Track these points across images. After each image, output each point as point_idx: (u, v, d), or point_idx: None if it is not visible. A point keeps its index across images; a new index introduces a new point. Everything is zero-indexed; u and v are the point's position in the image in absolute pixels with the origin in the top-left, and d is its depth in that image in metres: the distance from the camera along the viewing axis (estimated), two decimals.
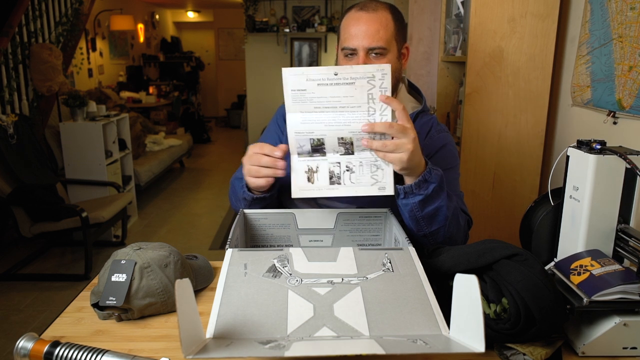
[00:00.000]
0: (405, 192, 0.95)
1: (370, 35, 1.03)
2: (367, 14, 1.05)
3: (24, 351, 0.70)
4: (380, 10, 1.06)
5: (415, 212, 0.97)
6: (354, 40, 1.05)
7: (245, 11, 5.55)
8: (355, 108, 0.88)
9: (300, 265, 0.78)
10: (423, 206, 0.96)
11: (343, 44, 1.08)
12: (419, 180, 0.93)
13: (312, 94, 0.88)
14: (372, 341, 0.61)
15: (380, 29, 1.04)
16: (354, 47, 1.05)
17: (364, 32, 1.04)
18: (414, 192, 0.94)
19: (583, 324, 0.79)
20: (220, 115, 9.70)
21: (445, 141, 1.16)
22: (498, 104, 1.94)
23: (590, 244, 0.87)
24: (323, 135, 0.91)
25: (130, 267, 0.86)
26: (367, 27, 1.04)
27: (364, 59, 1.04)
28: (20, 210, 2.91)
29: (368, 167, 0.93)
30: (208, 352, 0.57)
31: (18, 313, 2.59)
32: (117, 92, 5.97)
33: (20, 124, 3.16)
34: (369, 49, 1.04)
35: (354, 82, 0.87)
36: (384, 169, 0.93)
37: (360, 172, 0.93)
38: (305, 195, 0.95)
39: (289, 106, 0.90)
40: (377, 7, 1.06)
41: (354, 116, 0.89)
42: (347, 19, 1.08)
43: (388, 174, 0.93)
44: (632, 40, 1.46)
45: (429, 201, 0.96)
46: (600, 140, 0.86)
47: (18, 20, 3.50)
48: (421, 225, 0.99)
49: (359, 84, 0.87)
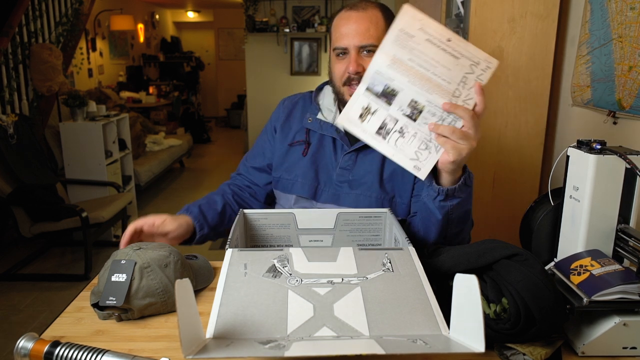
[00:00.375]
0: (447, 194, 0.94)
1: (360, 33, 1.03)
2: (356, 13, 1.05)
3: (24, 351, 0.70)
4: (370, 9, 1.06)
5: (450, 214, 0.97)
6: (344, 40, 1.05)
7: (245, 11, 5.55)
8: (445, 82, 0.86)
9: (300, 265, 0.78)
10: (459, 208, 0.97)
11: (334, 44, 1.08)
12: (461, 184, 0.93)
13: (416, 45, 0.85)
14: (372, 341, 0.61)
15: (370, 27, 1.03)
16: (344, 46, 1.05)
17: (354, 30, 1.04)
18: (455, 195, 0.95)
19: (583, 324, 0.79)
20: (220, 115, 9.70)
21: None
22: (498, 104, 1.94)
23: (590, 244, 0.87)
24: (400, 88, 0.88)
25: (130, 267, 0.86)
26: (357, 26, 1.04)
27: (356, 58, 1.03)
28: (20, 210, 2.91)
29: (419, 141, 0.89)
30: (208, 352, 0.57)
31: (18, 313, 2.59)
32: (117, 92, 5.97)
33: (20, 124, 3.16)
34: (360, 47, 1.04)
35: (460, 58, 0.84)
36: (430, 153, 0.89)
37: (409, 141, 0.89)
38: (349, 128, 0.91)
39: (386, 45, 0.86)
40: (367, 6, 1.06)
41: (439, 89, 0.86)
42: (337, 20, 1.09)
43: (432, 159, 0.90)
44: (632, 40, 1.46)
45: (465, 204, 0.97)
46: (600, 140, 0.86)
47: (18, 20, 3.50)
48: (449, 226, 1.00)
49: (462, 62, 0.84)
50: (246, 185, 1.29)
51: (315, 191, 1.16)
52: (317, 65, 5.74)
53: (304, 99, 1.27)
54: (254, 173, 1.28)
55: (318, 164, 1.17)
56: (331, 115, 1.18)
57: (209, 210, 1.16)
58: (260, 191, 1.28)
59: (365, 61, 1.04)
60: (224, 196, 1.23)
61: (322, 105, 1.21)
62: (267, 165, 1.26)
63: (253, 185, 1.28)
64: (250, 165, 1.28)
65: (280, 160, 1.21)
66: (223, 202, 1.20)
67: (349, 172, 1.14)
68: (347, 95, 1.08)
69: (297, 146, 1.20)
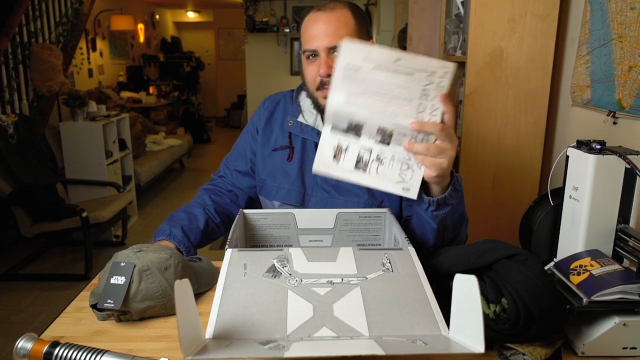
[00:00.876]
0: (438, 204, 0.92)
1: (329, 34, 1.00)
2: (324, 14, 1.02)
3: (23, 351, 0.70)
4: (339, 9, 1.02)
5: (444, 221, 0.96)
6: (313, 42, 1.01)
7: (245, 11, 5.55)
8: (406, 101, 0.83)
9: (300, 265, 0.78)
10: (452, 214, 0.95)
11: (304, 46, 1.04)
12: (451, 189, 0.91)
13: (365, 75, 0.82)
14: (372, 341, 0.61)
15: (340, 27, 1.00)
16: (313, 48, 1.01)
17: (323, 32, 1.00)
18: (447, 203, 0.93)
19: (583, 324, 0.79)
20: (220, 115, 9.70)
21: None
22: (498, 104, 1.94)
23: (590, 244, 0.87)
24: (364, 120, 0.85)
25: (130, 269, 0.85)
26: (325, 27, 1.00)
27: (326, 60, 1.00)
28: (21, 210, 2.91)
29: (399, 163, 0.88)
30: (208, 353, 0.57)
31: (18, 313, 2.59)
32: (117, 92, 5.97)
33: (20, 124, 3.16)
34: (330, 48, 1.00)
35: (413, 73, 0.81)
36: (414, 171, 0.88)
37: (389, 166, 0.88)
38: (326, 172, 0.90)
39: (336, 83, 0.83)
40: (335, 6, 1.03)
41: (403, 110, 0.83)
42: (305, 22, 1.05)
43: (417, 177, 0.88)
44: (632, 40, 1.46)
45: (457, 208, 0.96)
46: (600, 140, 0.86)
47: (18, 20, 3.50)
48: (445, 233, 0.98)
49: (417, 77, 0.81)
50: (228, 189, 1.25)
51: (302, 198, 1.13)
52: None
53: (285, 100, 1.23)
54: (237, 176, 1.24)
55: (304, 170, 1.13)
56: (312, 118, 1.14)
57: (191, 231, 1.10)
58: (243, 195, 1.24)
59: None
60: (206, 210, 1.16)
61: (303, 107, 1.17)
62: (250, 169, 1.22)
63: (235, 189, 1.24)
64: (234, 168, 1.24)
65: (263, 163, 1.18)
66: (205, 218, 1.14)
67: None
68: (320, 99, 1.05)
69: (281, 151, 1.16)
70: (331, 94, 0.85)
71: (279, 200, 1.15)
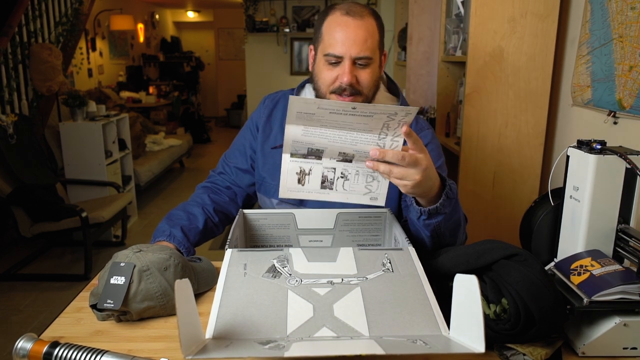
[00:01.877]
0: (430, 213, 0.89)
1: (358, 43, 0.98)
2: (354, 21, 0.99)
3: (23, 352, 0.70)
4: (367, 17, 1.01)
5: (437, 230, 0.93)
6: (340, 47, 0.99)
7: (245, 11, 5.55)
8: (366, 132, 0.81)
9: (300, 265, 0.78)
10: (446, 222, 0.92)
11: (328, 49, 1.01)
12: (443, 199, 0.88)
13: (321, 117, 0.80)
14: (372, 341, 0.61)
15: (368, 38, 0.99)
16: (340, 54, 0.99)
17: (352, 39, 0.98)
18: (439, 212, 0.90)
19: (583, 324, 0.79)
20: (220, 115, 9.70)
21: (427, 139, 1.12)
22: (498, 104, 1.94)
23: (590, 244, 0.86)
24: (324, 147, 0.85)
25: (129, 270, 0.85)
26: (355, 35, 0.98)
27: (351, 69, 0.99)
28: (20, 210, 2.91)
29: (364, 176, 0.88)
30: (208, 353, 0.57)
31: (18, 313, 2.59)
32: (117, 92, 5.97)
33: (20, 124, 3.16)
34: (356, 58, 0.99)
35: (373, 115, 0.77)
36: (379, 181, 0.89)
37: (354, 180, 0.89)
38: (293, 196, 0.91)
39: (291, 120, 0.81)
40: (363, 14, 1.01)
41: (363, 137, 0.81)
42: (331, 22, 1.01)
43: (383, 186, 0.89)
44: (632, 40, 1.46)
45: (451, 217, 0.93)
46: (601, 140, 0.86)
47: (18, 20, 3.50)
48: (440, 240, 0.96)
49: (377, 117, 0.78)
50: (226, 186, 1.24)
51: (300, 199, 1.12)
52: None
53: (285, 98, 1.21)
54: (237, 173, 1.23)
55: None
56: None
57: (191, 231, 1.10)
58: (241, 193, 1.24)
59: (359, 73, 1.01)
60: (205, 209, 1.16)
61: None
62: (251, 166, 1.22)
63: (234, 187, 1.24)
64: (234, 165, 1.24)
65: (263, 161, 1.18)
66: (204, 218, 1.14)
67: None
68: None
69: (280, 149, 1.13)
70: (288, 126, 0.83)
71: (278, 199, 1.15)
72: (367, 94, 1.05)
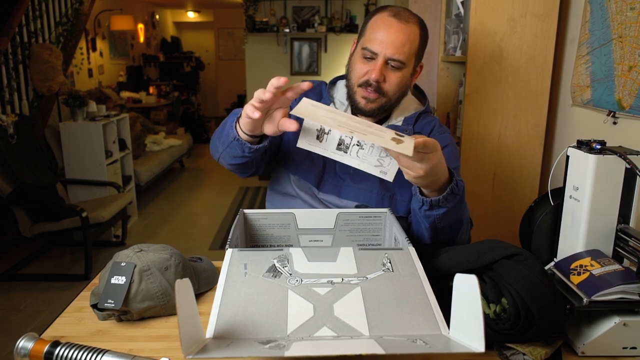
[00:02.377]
0: (431, 204, 0.91)
1: (396, 46, 1.02)
2: (398, 23, 1.03)
3: (24, 351, 0.70)
4: (412, 24, 1.05)
5: (437, 223, 0.95)
6: (378, 45, 1.04)
7: (245, 11, 5.55)
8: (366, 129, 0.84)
9: (300, 265, 0.78)
10: (446, 217, 0.94)
11: (366, 43, 1.06)
12: (447, 193, 0.90)
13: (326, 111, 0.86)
14: (372, 341, 0.61)
15: (406, 43, 1.03)
16: (376, 51, 1.04)
17: (391, 40, 1.03)
18: (441, 205, 0.91)
19: (583, 324, 0.79)
20: (220, 115, 9.69)
21: (446, 142, 1.16)
22: (498, 104, 1.94)
23: (590, 244, 0.87)
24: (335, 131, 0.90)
25: (130, 269, 0.85)
26: (395, 37, 1.03)
27: (382, 67, 1.04)
28: (20, 210, 2.91)
29: (378, 150, 0.91)
30: (208, 352, 0.57)
31: (18, 313, 2.59)
32: (117, 92, 5.97)
33: (20, 124, 3.16)
34: (390, 59, 1.03)
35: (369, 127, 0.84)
36: (392, 159, 0.90)
37: (369, 151, 0.91)
38: (310, 148, 0.93)
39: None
40: (409, 19, 1.05)
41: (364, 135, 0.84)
42: (376, 20, 1.07)
43: (395, 164, 0.90)
44: (632, 40, 1.46)
45: (453, 213, 0.94)
46: (600, 140, 0.86)
47: (18, 20, 3.50)
48: (439, 234, 0.97)
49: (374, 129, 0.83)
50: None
51: (320, 180, 1.16)
52: (317, 66, 5.74)
53: (314, 89, 1.23)
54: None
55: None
56: (342, 109, 1.18)
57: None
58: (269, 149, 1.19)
59: (389, 74, 1.05)
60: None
61: (336, 97, 1.20)
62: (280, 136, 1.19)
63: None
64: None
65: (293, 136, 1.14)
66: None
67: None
68: (359, 95, 1.09)
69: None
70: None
71: (298, 175, 1.17)
72: (390, 97, 1.09)
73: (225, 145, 1.01)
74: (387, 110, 1.14)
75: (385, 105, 1.11)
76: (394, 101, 1.11)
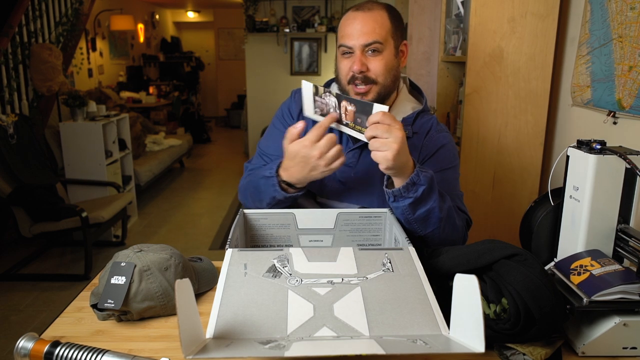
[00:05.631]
0: (394, 195, 0.96)
1: (365, 33, 1.05)
2: (363, 14, 1.07)
3: (24, 351, 0.70)
4: (376, 10, 1.08)
5: (406, 215, 0.97)
6: (350, 39, 1.07)
7: (245, 11, 5.55)
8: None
9: (300, 265, 0.78)
10: (414, 209, 0.96)
11: (340, 41, 1.10)
12: (407, 183, 0.93)
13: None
14: (372, 341, 0.61)
15: (376, 27, 1.05)
16: (350, 45, 1.07)
17: (359, 30, 1.06)
18: (403, 195, 0.95)
19: (583, 324, 0.79)
20: (220, 115, 9.70)
21: (445, 141, 1.16)
22: (498, 104, 1.94)
23: (590, 244, 0.87)
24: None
25: (130, 269, 0.85)
26: (362, 26, 1.05)
27: (360, 57, 1.06)
28: (20, 210, 2.91)
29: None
30: (208, 352, 0.57)
31: (18, 313, 2.59)
32: (117, 92, 5.97)
33: (20, 124, 3.16)
34: (365, 45, 1.05)
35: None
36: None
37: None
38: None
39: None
40: (373, 7, 1.08)
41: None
42: (344, 19, 1.11)
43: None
44: (632, 40, 1.46)
45: (420, 204, 0.96)
46: (600, 140, 0.86)
47: (18, 20, 3.50)
48: (414, 227, 0.99)
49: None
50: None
51: (320, 186, 1.15)
52: (317, 65, 5.74)
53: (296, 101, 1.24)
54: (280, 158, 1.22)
55: None
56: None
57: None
58: None
59: (370, 61, 1.07)
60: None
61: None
62: None
63: None
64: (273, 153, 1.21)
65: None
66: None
67: (352, 169, 1.13)
68: (352, 93, 1.10)
69: None
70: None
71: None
72: (382, 83, 1.09)
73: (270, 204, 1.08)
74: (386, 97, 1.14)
75: (382, 92, 1.10)
76: (389, 85, 1.10)
